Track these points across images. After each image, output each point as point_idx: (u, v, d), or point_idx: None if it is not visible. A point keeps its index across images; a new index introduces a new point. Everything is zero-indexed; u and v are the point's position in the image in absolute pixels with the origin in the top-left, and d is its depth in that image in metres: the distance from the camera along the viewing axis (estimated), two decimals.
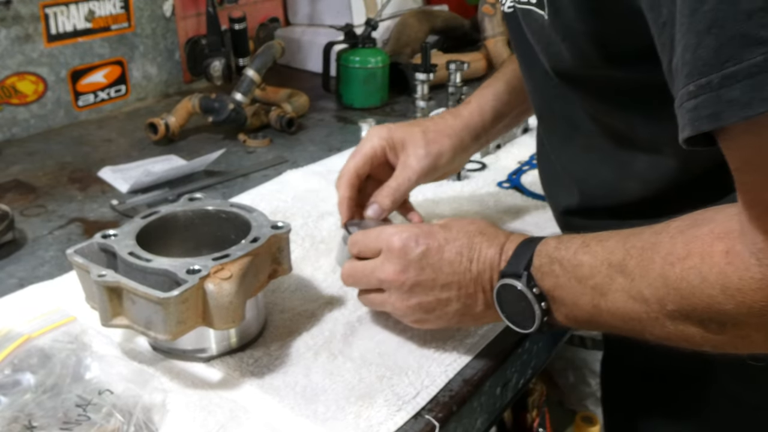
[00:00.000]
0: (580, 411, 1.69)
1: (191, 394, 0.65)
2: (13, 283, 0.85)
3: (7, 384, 0.61)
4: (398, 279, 0.67)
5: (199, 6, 1.61)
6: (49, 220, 1.02)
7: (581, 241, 0.60)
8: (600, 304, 0.58)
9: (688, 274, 0.51)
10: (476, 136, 0.89)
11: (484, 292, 0.66)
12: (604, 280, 0.57)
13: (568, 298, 0.60)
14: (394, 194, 0.83)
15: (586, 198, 0.72)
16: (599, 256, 0.58)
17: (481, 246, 0.66)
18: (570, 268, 0.59)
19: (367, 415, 0.63)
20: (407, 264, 0.67)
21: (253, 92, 1.34)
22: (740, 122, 0.43)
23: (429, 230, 0.68)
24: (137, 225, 0.72)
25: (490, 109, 0.90)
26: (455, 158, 0.88)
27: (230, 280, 0.64)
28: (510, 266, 0.63)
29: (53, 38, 1.37)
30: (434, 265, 0.66)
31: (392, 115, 1.49)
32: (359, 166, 0.83)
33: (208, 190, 1.12)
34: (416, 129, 0.86)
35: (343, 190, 0.82)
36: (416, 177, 0.84)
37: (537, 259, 0.62)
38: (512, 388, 0.77)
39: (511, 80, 0.91)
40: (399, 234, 0.68)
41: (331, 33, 1.62)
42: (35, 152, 1.29)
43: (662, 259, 0.53)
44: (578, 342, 1.71)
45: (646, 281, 0.54)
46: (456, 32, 1.88)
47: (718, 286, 0.49)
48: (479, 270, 0.65)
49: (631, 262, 0.55)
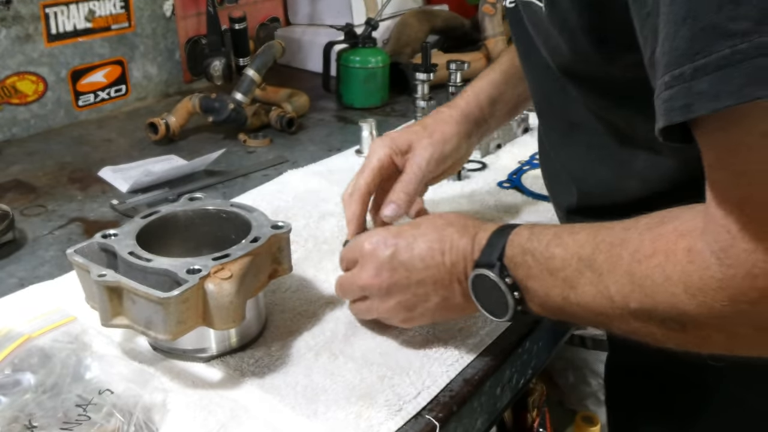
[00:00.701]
0: (580, 411, 1.69)
1: (191, 394, 0.65)
2: (13, 283, 0.85)
3: (7, 384, 0.61)
4: (374, 283, 0.69)
5: (199, 6, 1.61)
6: (49, 220, 1.02)
7: (553, 233, 0.60)
8: (570, 297, 0.58)
9: (653, 272, 0.51)
10: (476, 122, 0.89)
11: (459, 283, 0.66)
12: (574, 273, 0.57)
13: (541, 289, 0.60)
14: (406, 187, 0.81)
15: (584, 197, 0.72)
16: (570, 249, 0.58)
17: (452, 237, 0.66)
18: (542, 260, 0.59)
19: (368, 415, 0.63)
20: (380, 266, 0.68)
21: (253, 92, 1.34)
22: (710, 115, 0.43)
23: (398, 230, 0.70)
24: (137, 225, 0.72)
25: (486, 96, 0.90)
26: (461, 144, 0.87)
27: (230, 280, 0.64)
28: (483, 256, 0.63)
29: (53, 38, 1.37)
30: (406, 263, 0.67)
31: (392, 115, 1.49)
32: (369, 181, 0.82)
33: (208, 190, 1.12)
34: (416, 127, 0.86)
35: (354, 207, 0.81)
36: (425, 164, 0.82)
37: (510, 249, 0.62)
38: (512, 388, 0.77)
39: (507, 69, 0.91)
40: (368, 239, 0.70)
41: (331, 33, 1.62)
42: (35, 152, 1.29)
43: (630, 256, 0.53)
44: (578, 342, 1.71)
45: (613, 277, 0.54)
46: (456, 32, 1.88)
47: (681, 284, 0.49)
48: (452, 261, 0.66)
49: (600, 257, 0.55)
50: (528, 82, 0.76)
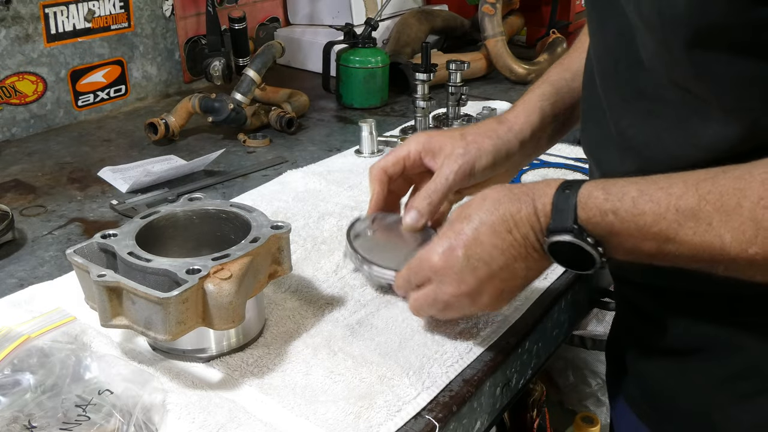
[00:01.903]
0: (580, 411, 1.69)
1: (191, 395, 0.65)
2: (13, 283, 0.85)
3: (6, 384, 0.61)
4: (462, 291, 0.68)
5: (199, 6, 1.61)
6: (48, 220, 1.02)
7: (637, 189, 0.60)
8: (665, 248, 0.59)
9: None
10: (522, 141, 0.85)
11: (535, 250, 0.66)
12: (672, 225, 0.57)
13: (628, 243, 0.61)
14: (430, 196, 0.80)
15: (643, 165, 0.69)
16: (663, 203, 0.58)
17: (510, 210, 0.65)
18: (629, 218, 0.59)
19: (367, 416, 0.63)
20: (460, 273, 0.67)
21: (253, 92, 1.34)
22: None
23: (453, 231, 0.68)
24: (137, 225, 0.72)
25: (536, 110, 0.86)
26: (496, 163, 0.83)
27: (230, 280, 0.64)
28: (555, 222, 0.63)
29: (53, 38, 1.37)
30: (482, 258, 0.66)
31: (392, 115, 1.49)
32: (389, 165, 0.82)
33: (208, 190, 1.12)
34: (456, 133, 0.84)
35: (373, 186, 0.83)
36: (453, 177, 0.80)
37: (583, 212, 0.61)
38: (512, 388, 0.77)
39: (556, 82, 0.88)
40: (433, 252, 0.68)
41: (331, 33, 1.62)
42: (35, 152, 1.29)
43: (752, 204, 0.54)
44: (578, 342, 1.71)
45: (730, 225, 0.55)
46: (456, 32, 1.88)
47: None
48: (523, 234, 0.65)
49: (707, 207, 0.56)
50: (594, 45, 0.74)
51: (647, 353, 0.78)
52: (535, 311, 0.79)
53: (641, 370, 0.78)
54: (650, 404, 0.78)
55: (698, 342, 0.71)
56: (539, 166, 1.16)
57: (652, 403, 0.78)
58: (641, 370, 0.78)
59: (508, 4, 1.79)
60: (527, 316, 0.78)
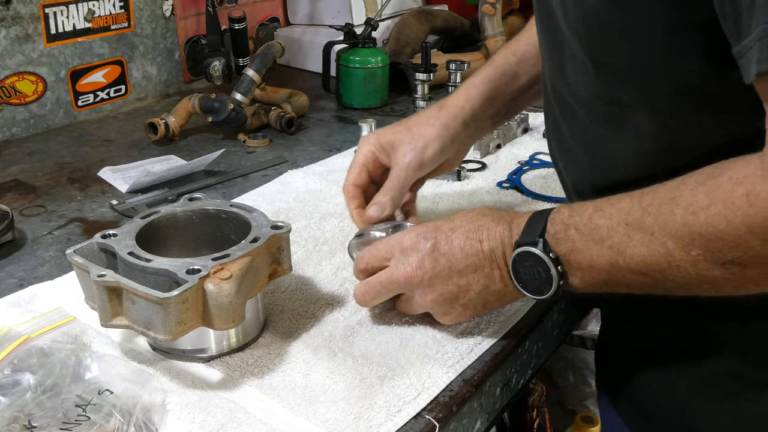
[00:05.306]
0: (580, 411, 1.69)
1: (191, 395, 0.65)
2: (13, 283, 0.85)
3: (6, 384, 0.61)
4: (416, 275, 0.69)
5: (199, 6, 1.61)
6: (48, 220, 1.02)
7: (594, 206, 0.63)
8: (618, 262, 0.60)
9: (714, 220, 0.54)
10: (464, 122, 0.88)
11: (499, 269, 0.68)
12: (622, 239, 0.60)
13: (585, 261, 0.63)
14: (391, 192, 0.84)
15: (599, 172, 0.73)
16: (615, 218, 0.61)
17: (488, 225, 0.68)
18: (586, 232, 0.62)
19: (367, 417, 0.63)
20: (421, 259, 0.69)
21: (253, 92, 1.34)
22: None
23: (434, 225, 0.71)
24: (137, 225, 0.72)
25: (477, 93, 0.90)
26: (444, 149, 0.87)
27: (230, 280, 0.64)
28: (525, 235, 0.66)
29: (53, 38, 1.37)
30: (447, 254, 0.69)
31: (392, 115, 1.49)
32: (355, 178, 0.86)
33: (207, 190, 1.12)
34: (401, 127, 0.88)
35: (349, 203, 0.86)
36: (406, 172, 0.85)
37: (551, 227, 0.64)
38: (512, 388, 0.77)
39: (501, 65, 0.91)
40: (407, 234, 0.71)
41: (331, 33, 1.62)
42: (35, 152, 1.29)
43: (683, 210, 0.56)
44: (578, 342, 1.71)
45: (668, 233, 0.57)
46: (456, 32, 1.88)
47: (744, 227, 0.53)
48: (491, 247, 0.68)
49: (648, 218, 0.58)
50: (544, 55, 0.76)
51: (629, 356, 0.79)
52: (535, 311, 0.79)
53: (624, 372, 0.79)
54: (633, 406, 0.78)
55: (677, 344, 0.72)
56: (539, 166, 1.16)
57: (635, 404, 0.78)
58: (624, 372, 0.79)
59: (508, 4, 1.79)
60: (527, 316, 0.78)
